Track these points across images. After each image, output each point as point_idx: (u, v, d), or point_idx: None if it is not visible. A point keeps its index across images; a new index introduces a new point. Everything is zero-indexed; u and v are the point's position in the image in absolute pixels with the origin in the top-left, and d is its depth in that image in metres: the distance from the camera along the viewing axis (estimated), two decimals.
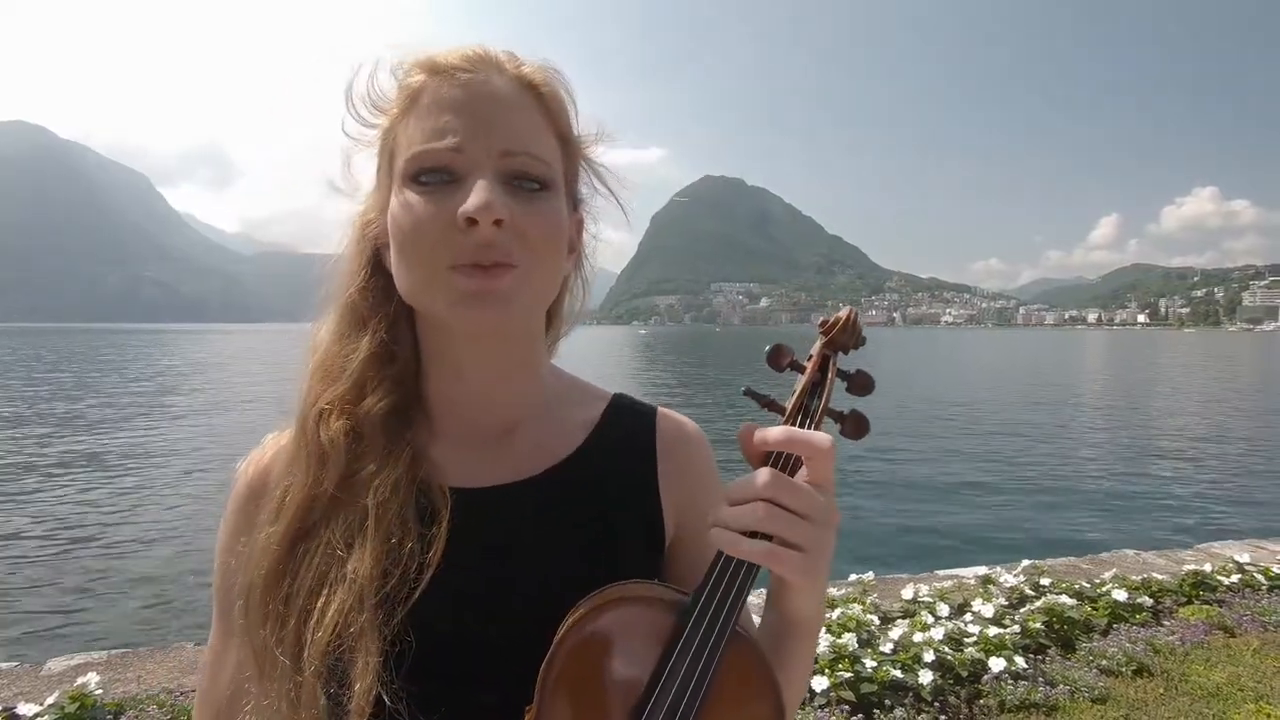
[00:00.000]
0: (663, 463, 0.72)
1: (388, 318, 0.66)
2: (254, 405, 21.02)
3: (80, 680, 2.93)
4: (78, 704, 2.80)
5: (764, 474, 0.55)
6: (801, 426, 0.59)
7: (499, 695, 0.60)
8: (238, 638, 0.62)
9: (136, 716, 2.84)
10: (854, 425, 0.61)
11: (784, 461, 0.57)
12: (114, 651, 3.64)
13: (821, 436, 0.57)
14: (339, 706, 0.56)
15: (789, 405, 0.61)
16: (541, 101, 0.63)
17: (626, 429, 0.74)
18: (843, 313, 0.64)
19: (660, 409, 0.77)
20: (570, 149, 0.67)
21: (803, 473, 0.57)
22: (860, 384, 0.62)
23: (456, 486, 0.64)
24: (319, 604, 0.57)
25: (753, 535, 0.54)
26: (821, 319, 0.64)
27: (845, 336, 0.63)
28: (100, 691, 2.94)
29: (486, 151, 0.58)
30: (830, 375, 0.62)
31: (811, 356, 0.63)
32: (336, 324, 0.67)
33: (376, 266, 0.67)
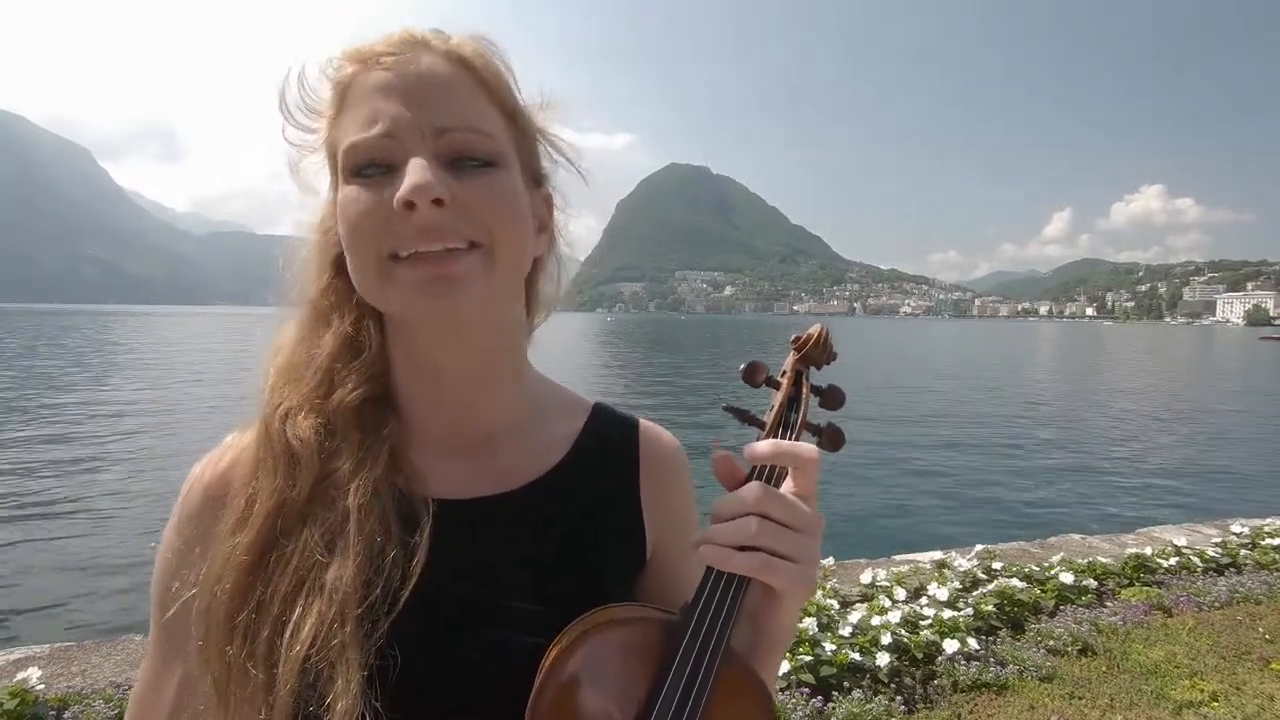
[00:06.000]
0: (645, 477, 0.71)
1: (351, 312, 0.63)
2: (204, 391, 20.39)
3: (20, 675, 2.82)
4: (18, 700, 2.68)
5: (754, 488, 0.55)
6: (783, 439, 0.60)
7: (480, 717, 0.57)
8: (195, 661, 0.56)
9: (81, 712, 2.74)
10: (831, 438, 0.62)
11: (767, 475, 0.57)
12: (56, 645, 3.49)
13: (807, 447, 0.57)
14: None
15: (769, 420, 0.62)
16: (476, 75, 0.59)
17: (609, 441, 0.72)
18: (815, 330, 0.66)
19: (642, 421, 0.75)
20: (520, 123, 0.63)
21: (787, 484, 0.58)
22: (833, 399, 0.64)
23: (437, 497, 0.61)
24: (295, 615, 0.53)
25: (742, 549, 0.54)
26: (794, 335, 0.65)
27: (818, 352, 0.65)
28: (42, 687, 2.83)
29: (420, 133, 0.55)
30: (805, 390, 0.64)
31: (785, 372, 0.65)
32: (299, 325, 0.65)
33: (339, 270, 0.63)
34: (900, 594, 3.98)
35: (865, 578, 4.18)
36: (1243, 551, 5.04)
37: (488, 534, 0.62)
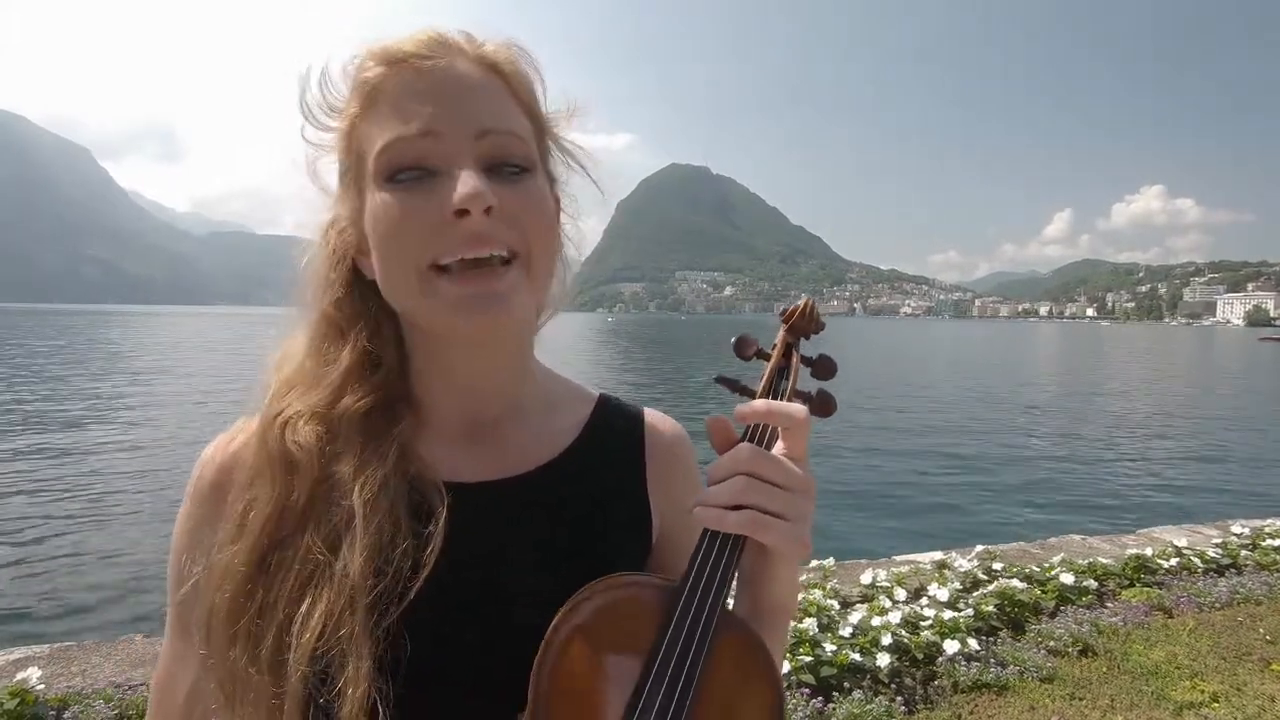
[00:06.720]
0: (650, 463, 0.72)
1: (369, 326, 0.63)
2: (204, 392, 20.39)
3: (20, 675, 2.82)
4: (18, 700, 2.68)
5: (745, 449, 0.57)
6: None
7: (490, 700, 0.58)
8: (201, 665, 0.58)
9: (81, 712, 2.74)
10: (821, 403, 0.63)
11: (759, 438, 0.59)
12: (56, 645, 3.49)
13: (797, 407, 0.59)
14: (328, 717, 0.53)
15: (759, 389, 0.64)
16: (508, 81, 0.60)
17: (615, 429, 0.73)
18: (801, 301, 0.68)
19: (647, 410, 0.76)
20: (540, 127, 0.64)
21: (778, 447, 0.59)
22: (824, 368, 0.66)
23: (448, 481, 0.61)
24: (304, 608, 0.54)
25: (735, 509, 0.55)
26: (782, 309, 0.68)
27: (805, 323, 0.68)
28: (42, 687, 2.83)
29: (463, 137, 0.55)
30: (795, 360, 0.66)
31: (775, 345, 0.67)
32: (311, 337, 0.64)
33: (353, 280, 0.63)
34: (900, 594, 3.98)
35: (865, 578, 4.18)
36: (1243, 552, 5.04)
37: (501, 516, 0.63)
